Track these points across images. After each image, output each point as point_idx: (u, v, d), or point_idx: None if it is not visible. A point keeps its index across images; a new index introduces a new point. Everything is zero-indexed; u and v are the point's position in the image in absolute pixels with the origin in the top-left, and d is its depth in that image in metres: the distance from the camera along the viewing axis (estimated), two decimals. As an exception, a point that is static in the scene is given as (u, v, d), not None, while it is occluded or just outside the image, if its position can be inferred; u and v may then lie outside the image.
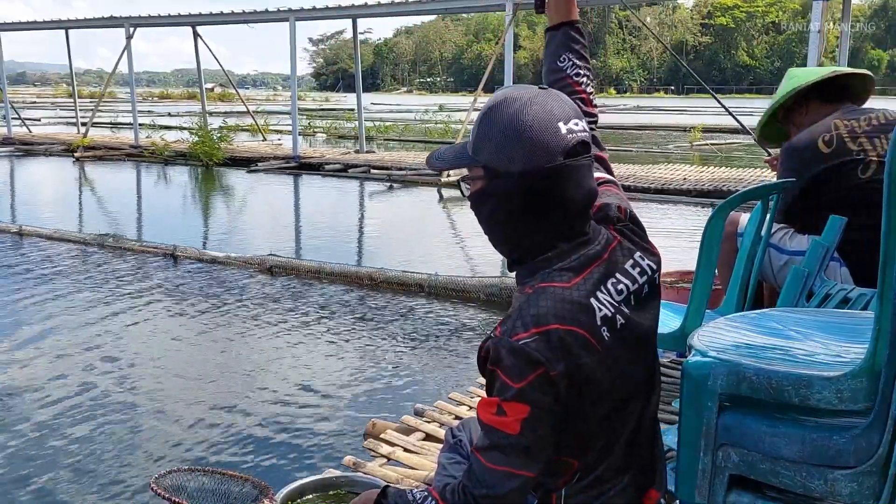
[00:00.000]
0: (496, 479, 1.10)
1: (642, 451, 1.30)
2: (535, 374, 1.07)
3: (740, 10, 76.33)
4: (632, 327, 1.19)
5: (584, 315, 1.12)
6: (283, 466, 2.95)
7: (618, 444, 1.25)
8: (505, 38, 12.07)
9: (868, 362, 1.22)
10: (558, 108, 1.16)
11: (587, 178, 1.18)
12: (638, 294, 1.21)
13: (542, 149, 1.13)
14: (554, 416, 1.10)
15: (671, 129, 24.63)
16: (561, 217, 1.17)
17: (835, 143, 2.48)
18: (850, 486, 1.23)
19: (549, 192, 1.14)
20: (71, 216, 9.68)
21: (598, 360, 1.12)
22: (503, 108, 1.16)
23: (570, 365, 1.09)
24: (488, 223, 1.23)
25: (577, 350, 1.09)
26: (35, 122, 24.39)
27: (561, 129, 1.14)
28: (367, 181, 12.58)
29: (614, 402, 1.19)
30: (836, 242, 2.34)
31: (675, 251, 6.79)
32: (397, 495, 1.26)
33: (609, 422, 1.20)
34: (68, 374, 3.89)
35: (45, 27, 20.02)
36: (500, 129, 1.15)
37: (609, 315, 1.15)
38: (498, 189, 1.17)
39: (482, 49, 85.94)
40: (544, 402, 1.08)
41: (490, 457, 1.10)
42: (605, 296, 1.16)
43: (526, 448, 1.09)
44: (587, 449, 1.20)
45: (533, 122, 1.13)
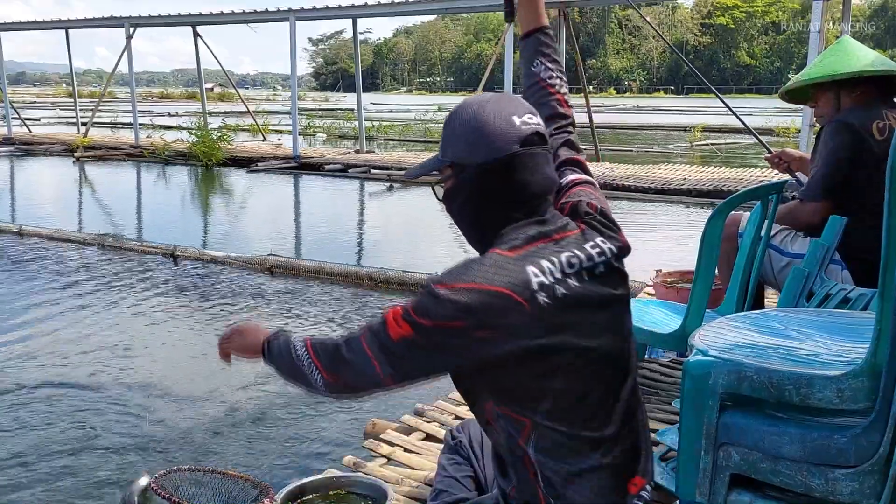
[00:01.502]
0: (362, 358, 1.23)
1: (623, 432, 1.28)
2: (436, 322, 1.17)
3: (740, 10, 76.33)
4: (580, 298, 1.22)
5: (517, 280, 1.18)
6: (283, 466, 2.95)
7: (583, 413, 1.24)
8: (505, 37, 12.07)
9: (869, 362, 1.22)
10: (512, 105, 1.30)
11: (544, 166, 1.29)
12: (592, 270, 1.25)
13: (499, 138, 1.25)
14: (435, 358, 1.21)
15: (671, 129, 24.64)
16: (521, 200, 1.27)
17: (887, 133, 2.41)
18: (850, 485, 1.23)
19: (509, 178, 1.26)
20: (71, 216, 9.68)
21: (529, 321, 1.18)
22: (462, 110, 1.31)
23: (484, 321, 1.16)
24: (460, 215, 1.34)
25: (497, 309, 1.16)
26: (35, 122, 24.39)
27: (515, 121, 1.27)
28: (367, 181, 12.58)
29: (560, 366, 1.21)
30: (836, 243, 2.34)
31: (675, 251, 6.79)
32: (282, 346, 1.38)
33: (558, 383, 1.21)
34: (68, 374, 3.88)
35: (45, 27, 20.03)
36: (461, 127, 1.29)
37: (548, 283, 1.19)
38: (465, 181, 1.29)
39: (482, 49, 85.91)
40: (429, 343, 1.18)
41: (369, 339, 1.23)
42: (548, 265, 1.21)
43: (393, 355, 1.20)
44: (535, 409, 1.22)
45: (489, 116, 1.27)
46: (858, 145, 2.43)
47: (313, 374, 1.29)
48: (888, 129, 2.42)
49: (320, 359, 1.29)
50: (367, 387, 1.27)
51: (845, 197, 2.45)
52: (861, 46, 2.60)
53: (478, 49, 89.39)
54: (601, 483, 1.25)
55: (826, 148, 2.52)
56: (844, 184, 2.46)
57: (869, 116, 2.45)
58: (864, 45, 2.62)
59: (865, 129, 2.43)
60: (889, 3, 69.81)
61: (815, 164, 2.56)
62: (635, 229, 8.34)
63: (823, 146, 2.54)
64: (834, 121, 2.52)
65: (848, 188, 2.45)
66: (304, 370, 1.31)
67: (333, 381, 1.28)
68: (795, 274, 2.31)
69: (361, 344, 1.24)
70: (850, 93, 2.55)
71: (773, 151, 3.00)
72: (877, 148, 2.40)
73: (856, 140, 2.43)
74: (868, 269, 2.27)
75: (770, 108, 24.84)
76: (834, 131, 2.50)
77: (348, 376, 1.26)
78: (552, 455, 1.24)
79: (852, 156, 2.44)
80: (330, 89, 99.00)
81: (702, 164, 13.60)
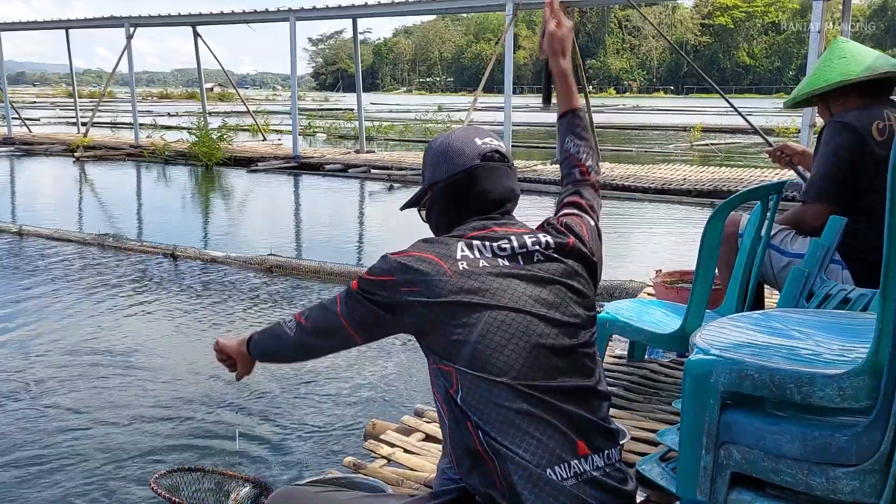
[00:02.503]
0: (332, 302, 1.50)
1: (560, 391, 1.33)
2: (375, 276, 1.43)
3: (740, 10, 76.35)
4: (507, 271, 1.40)
5: (445, 250, 1.41)
6: (282, 466, 2.95)
7: (502, 362, 1.32)
8: (505, 38, 12.08)
9: (870, 360, 1.22)
10: (475, 132, 1.56)
11: (504, 179, 1.52)
12: (527, 255, 1.42)
13: (460, 155, 1.51)
14: (374, 308, 1.42)
15: (671, 129, 24.64)
16: (481, 206, 1.50)
17: (887, 134, 2.39)
18: (851, 484, 1.23)
19: (471, 187, 1.50)
20: (71, 216, 9.69)
21: (446, 281, 1.37)
22: (435, 141, 1.58)
23: (410, 279, 1.39)
24: (436, 226, 1.57)
25: (422, 270, 1.38)
26: (35, 122, 24.39)
27: (477, 141, 1.53)
28: (367, 181, 12.59)
29: (478, 322, 1.35)
30: (836, 243, 2.33)
31: (675, 251, 6.79)
32: (264, 332, 1.63)
33: (474, 336, 1.34)
34: (68, 374, 3.89)
35: (45, 27, 20.04)
36: (433, 153, 1.56)
37: (471, 256, 1.40)
38: (437, 195, 1.54)
39: (482, 49, 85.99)
40: (369, 293, 1.43)
41: (341, 292, 1.49)
42: (478, 243, 1.42)
43: (351, 299, 1.45)
44: (456, 357, 1.35)
45: (454, 141, 1.54)
46: (858, 147, 2.41)
47: (291, 327, 1.53)
48: (889, 130, 2.40)
49: (302, 313, 1.54)
50: (330, 328, 1.48)
51: (846, 197, 2.45)
52: (848, 50, 2.56)
53: (478, 49, 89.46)
54: (534, 431, 1.28)
55: (826, 148, 2.51)
56: (844, 185, 2.45)
57: (869, 117, 2.44)
58: (855, 47, 2.58)
59: (865, 129, 2.41)
60: (889, 3, 69.81)
61: (815, 164, 2.56)
62: (635, 229, 8.34)
63: (823, 146, 2.52)
64: (833, 120, 2.50)
65: (848, 189, 2.45)
66: (283, 329, 1.55)
67: (306, 324, 1.51)
68: (795, 274, 2.31)
69: (335, 295, 1.51)
70: (839, 102, 2.55)
71: (774, 145, 2.98)
72: (877, 149, 2.38)
73: (855, 141, 2.41)
74: (868, 270, 2.26)
75: (770, 108, 24.84)
76: (834, 131, 2.48)
77: (319, 318, 1.50)
78: (479, 401, 1.32)
79: (852, 157, 2.42)
80: (329, 89, 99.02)
81: (702, 164, 13.61)
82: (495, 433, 1.30)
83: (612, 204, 9.97)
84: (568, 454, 1.29)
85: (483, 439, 1.31)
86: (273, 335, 1.60)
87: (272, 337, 1.61)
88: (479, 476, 1.33)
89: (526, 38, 78.58)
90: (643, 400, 2.61)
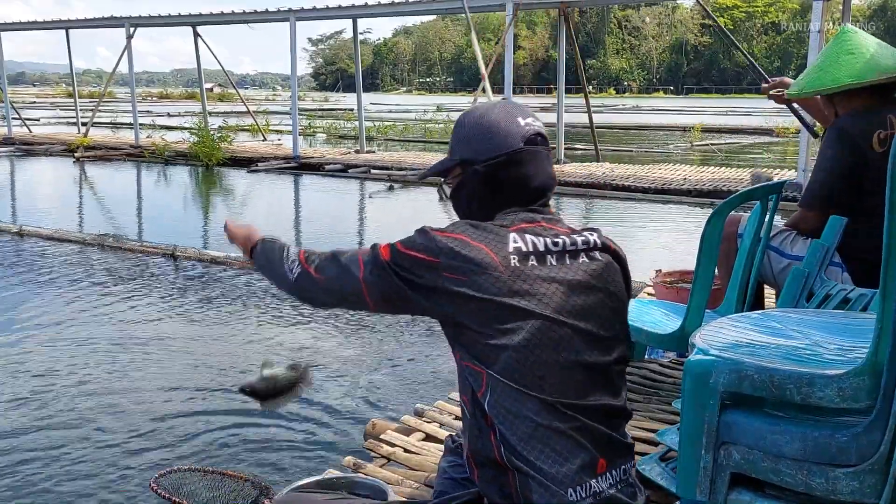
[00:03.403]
0: (353, 262, 1.37)
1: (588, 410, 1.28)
2: (416, 252, 1.30)
3: (740, 10, 76.32)
4: (556, 274, 1.31)
5: (496, 240, 1.30)
6: (283, 466, 2.95)
7: (538, 375, 1.26)
8: (505, 38, 12.07)
9: (870, 360, 1.22)
10: (516, 109, 1.43)
11: (545, 165, 1.41)
12: (575, 255, 1.34)
13: (504, 136, 1.38)
14: (406, 287, 1.30)
15: (671, 129, 24.62)
16: (522, 194, 1.39)
17: (888, 144, 2.33)
18: (851, 484, 1.23)
19: (513, 173, 1.38)
20: (71, 216, 9.68)
21: (496, 278, 1.27)
22: (471, 114, 1.45)
23: (456, 265, 1.27)
24: (466, 210, 1.44)
25: (471, 258, 1.27)
26: (35, 122, 24.38)
27: (520, 121, 1.40)
28: (368, 181, 12.58)
29: (521, 328, 1.26)
30: (836, 243, 2.33)
31: (675, 251, 6.79)
32: (274, 244, 1.54)
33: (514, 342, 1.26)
34: (67, 374, 3.88)
35: (45, 27, 20.03)
36: (470, 129, 1.42)
37: (524, 250, 1.30)
38: (472, 176, 1.41)
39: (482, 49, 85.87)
40: (405, 270, 1.30)
41: (364, 252, 1.37)
42: (531, 237, 1.32)
43: (379, 268, 1.32)
44: (491, 362, 1.27)
45: (496, 118, 1.40)
46: (857, 159, 2.37)
47: (293, 268, 1.44)
48: (889, 139, 2.34)
49: (309, 260, 1.43)
50: (345, 290, 1.37)
51: (844, 201, 2.43)
52: (857, 45, 2.45)
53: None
54: (561, 448, 1.25)
55: (823, 156, 2.47)
56: (840, 194, 2.42)
57: (871, 124, 2.38)
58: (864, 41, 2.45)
59: (865, 140, 2.36)
60: (889, 3, 69.80)
61: (814, 169, 2.54)
62: (635, 229, 8.34)
63: (822, 153, 2.49)
64: (835, 126, 2.46)
65: (845, 194, 2.43)
66: (282, 264, 1.46)
67: (315, 275, 1.40)
68: (795, 274, 2.31)
69: (357, 254, 1.38)
70: (845, 101, 2.48)
71: (770, 81, 2.87)
72: (876, 160, 2.33)
73: (853, 154, 2.37)
74: (868, 270, 2.26)
75: (769, 108, 24.82)
76: (834, 139, 2.44)
77: (334, 276, 1.38)
78: (507, 411, 1.26)
79: (848, 171, 2.39)
80: (329, 89, 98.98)
81: (702, 164, 13.60)
82: (520, 447, 1.26)
83: (612, 204, 9.97)
84: (588, 474, 1.26)
85: (505, 452, 1.27)
86: (273, 263, 1.51)
87: (271, 263, 1.52)
88: (497, 486, 1.30)
89: (526, 38, 78.55)
90: (643, 400, 2.61)
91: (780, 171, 12.15)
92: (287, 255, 1.48)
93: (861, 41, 2.46)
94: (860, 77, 2.39)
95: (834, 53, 2.49)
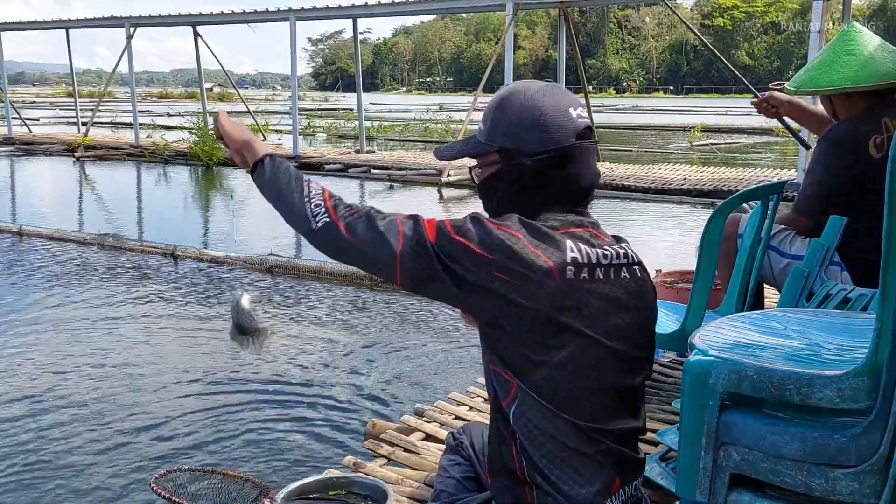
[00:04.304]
0: (392, 232, 1.20)
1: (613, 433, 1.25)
2: (475, 247, 1.16)
3: (739, 10, 76.30)
4: (602, 290, 1.22)
5: (555, 246, 1.19)
6: (283, 466, 2.94)
7: (570, 397, 1.21)
8: (505, 38, 12.07)
9: (869, 361, 1.22)
10: (567, 97, 1.29)
11: (592, 160, 1.30)
12: (618, 270, 1.26)
13: (556, 130, 1.25)
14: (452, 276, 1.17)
15: (671, 129, 24.62)
16: (569, 192, 1.28)
17: (884, 150, 2.32)
18: (850, 485, 1.23)
19: (562, 170, 1.26)
20: (71, 216, 9.68)
21: (550, 291, 1.17)
22: (517, 96, 1.28)
23: (512, 267, 1.15)
24: (500, 203, 1.30)
25: (528, 264, 1.16)
26: (34, 122, 24.37)
27: (572, 113, 1.27)
28: (368, 181, 12.58)
29: (563, 345, 1.19)
30: (836, 243, 2.33)
31: (675, 251, 6.79)
32: (290, 170, 1.32)
33: (554, 360, 1.19)
34: (67, 374, 3.88)
35: (45, 27, 20.03)
36: (517, 114, 1.27)
37: (580, 261, 1.20)
38: (514, 168, 1.27)
39: (482, 49, 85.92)
40: (453, 260, 1.17)
41: (405, 219, 1.22)
42: (584, 246, 1.22)
43: (420, 246, 1.18)
44: (525, 376, 1.20)
45: (548, 106, 1.26)
46: (853, 167, 2.37)
47: (317, 214, 1.24)
48: (886, 144, 2.34)
49: (338, 211, 1.24)
50: (376, 257, 1.21)
51: (843, 201, 2.43)
52: (857, 46, 2.44)
53: (477, 49, 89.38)
54: (584, 471, 1.23)
55: (819, 164, 2.48)
56: (835, 202, 2.42)
57: (867, 130, 2.38)
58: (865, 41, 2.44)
59: (862, 147, 2.36)
60: (889, 3, 69.78)
61: (810, 174, 2.54)
62: (635, 229, 8.34)
63: (817, 160, 2.49)
64: (831, 132, 2.46)
65: (843, 196, 2.43)
66: (303, 203, 1.25)
67: (346, 234, 1.22)
68: (795, 274, 2.31)
69: (395, 221, 1.22)
70: (844, 102, 2.48)
71: (759, 96, 2.88)
72: (872, 166, 2.33)
73: (850, 162, 2.37)
74: (868, 270, 2.26)
75: (770, 108, 24.80)
76: (830, 148, 2.44)
77: (367, 239, 1.21)
78: (534, 427, 1.22)
79: (843, 181, 2.39)
80: (329, 89, 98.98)
81: (702, 164, 13.60)
82: (543, 465, 1.22)
83: (612, 204, 9.97)
84: (604, 495, 1.24)
85: (527, 467, 1.24)
86: (287, 196, 1.28)
87: (285, 196, 1.28)
88: (512, 497, 1.28)
89: (525, 37, 78.53)
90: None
91: (780, 171, 12.15)
92: (309, 193, 1.27)
93: (863, 42, 2.46)
94: (855, 81, 2.39)
95: (834, 53, 2.50)
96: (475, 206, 1.33)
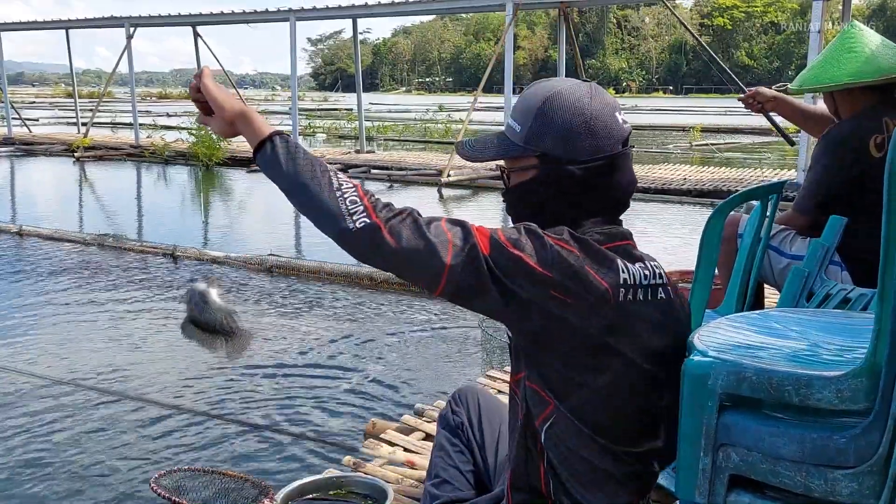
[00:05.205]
0: (441, 240, 1.08)
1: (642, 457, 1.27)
2: (533, 263, 1.08)
3: (739, 10, 76.30)
4: (642, 311, 1.19)
5: (609, 266, 1.14)
6: (282, 466, 2.95)
7: (607, 420, 1.19)
8: (505, 38, 12.07)
9: (868, 362, 1.22)
10: (611, 100, 1.23)
11: (631, 167, 1.25)
12: (653, 289, 1.22)
13: (607, 137, 1.19)
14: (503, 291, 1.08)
15: (671, 129, 24.63)
16: (610, 202, 1.23)
17: (885, 149, 2.32)
18: (850, 485, 1.23)
19: (608, 178, 1.20)
20: (71, 216, 9.68)
21: (603, 314, 1.12)
22: (562, 99, 1.20)
23: (569, 287, 1.09)
24: (535, 211, 1.23)
25: (586, 284, 1.10)
26: (34, 122, 24.37)
27: (618, 118, 1.21)
28: (368, 181, 12.58)
29: (607, 368, 1.16)
30: (836, 243, 2.33)
31: (675, 251, 6.79)
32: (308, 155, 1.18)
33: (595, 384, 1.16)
34: (66, 373, 3.88)
35: (45, 27, 20.02)
36: (566, 120, 1.19)
37: (630, 282, 1.15)
38: (557, 176, 1.20)
39: (481, 49, 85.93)
40: (505, 273, 1.08)
41: (453, 227, 1.10)
42: (632, 266, 1.18)
43: (470, 258, 1.07)
44: (567, 397, 1.17)
45: (598, 112, 1.19)
46: (853, 167, 2.37)
47: (354, 213, 1.09)
48: (886, 143, 2.34)
49: (379, 212, 1.09)
50: (419, 265, 1.08)
51: (843, 201, 2.43)
52: (858, 43, 2.45)
53: (477, 49, 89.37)
54: (609, 491, 1.23)
55: (818, 163, 2.48)
56: (833, 202, 2.42)
57: (868, 129, 2.38)
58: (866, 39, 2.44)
59: (862, 147, 2.37)
60: (888, 3, 69.79)
61: (809, 174, 2.54)
62: (636, 229, 8.34)
63: (816, 160, 2.50)
64: (831, 133, 2.47)
65: (843, 196, 2.43)
66: (335, 198, 1.11)
67: (389, 239, 1.07)
68: (795, 274, 2.31)
69: (443, 228, 1.09)
70: (846, 98, 2.48)
71: (747, 91, 2.89)
72: (873, 165, 2.33)
73: (851, 162, 2.38)
74: (868, 270, 2.26)
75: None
76: (830, 147, 2.45)
77: (412, 246, 1.07)
78: (567, 448, 1.20)
79: (843, 180, 2.39)
80: (329, 89, 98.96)
81: (702, 164, 13.61)
82: (570, 485, 1.21)
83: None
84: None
85: (553, 487, 1.22)
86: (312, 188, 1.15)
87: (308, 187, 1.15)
88: None
89: (525, 37, 78.52)
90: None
91: (780, 171, 12.15)
92: (340, 186, 1.12)
93: (864, 40, 2.47)
94: (858, 77, 2.40)
95: (836, 51, 2.50)
96: (475, 207, 1.31)
